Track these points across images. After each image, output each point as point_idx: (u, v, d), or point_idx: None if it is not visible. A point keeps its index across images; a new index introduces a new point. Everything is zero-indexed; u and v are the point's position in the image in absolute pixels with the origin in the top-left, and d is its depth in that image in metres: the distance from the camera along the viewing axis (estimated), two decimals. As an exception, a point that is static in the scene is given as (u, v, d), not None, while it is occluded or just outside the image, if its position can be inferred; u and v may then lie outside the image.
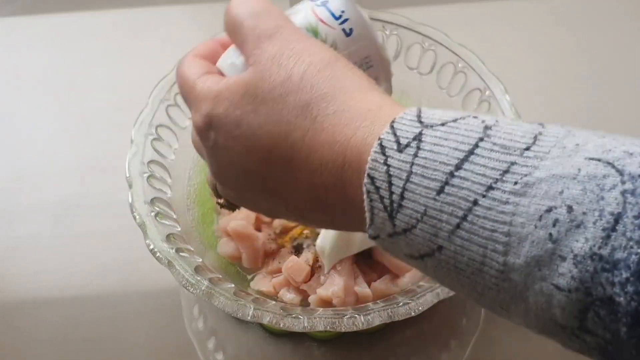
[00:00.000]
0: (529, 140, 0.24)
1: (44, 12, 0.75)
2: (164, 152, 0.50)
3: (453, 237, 0.24)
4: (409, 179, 0.25)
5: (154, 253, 0.43)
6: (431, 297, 0.41)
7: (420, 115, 0.26)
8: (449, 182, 0.24)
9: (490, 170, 0.23)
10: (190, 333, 0.52)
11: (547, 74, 0.69)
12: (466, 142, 0.24)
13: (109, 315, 0.53)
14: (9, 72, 0.70)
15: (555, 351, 0.52)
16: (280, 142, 0.29)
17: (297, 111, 0.29)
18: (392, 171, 0.26)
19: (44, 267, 0.56)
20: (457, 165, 0.24)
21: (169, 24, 0.74)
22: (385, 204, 0.26)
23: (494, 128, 0.24)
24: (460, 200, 0.24)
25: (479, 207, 0.23)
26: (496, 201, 0.23)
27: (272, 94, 0.29)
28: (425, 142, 0.25)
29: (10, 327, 0.53)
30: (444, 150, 0.25)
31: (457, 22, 0.71)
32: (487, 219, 0.23)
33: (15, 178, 0.62)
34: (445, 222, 0.24)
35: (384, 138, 0.26)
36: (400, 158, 0.25)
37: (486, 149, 0.24)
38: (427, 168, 0.25)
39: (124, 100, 0.64)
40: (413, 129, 0.26)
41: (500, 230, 0.23)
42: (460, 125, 0.25)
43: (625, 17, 0.74)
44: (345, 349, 0.50)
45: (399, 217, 0.26)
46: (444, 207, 0.24)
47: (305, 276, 0.48)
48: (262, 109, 0.29)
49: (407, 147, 0.25)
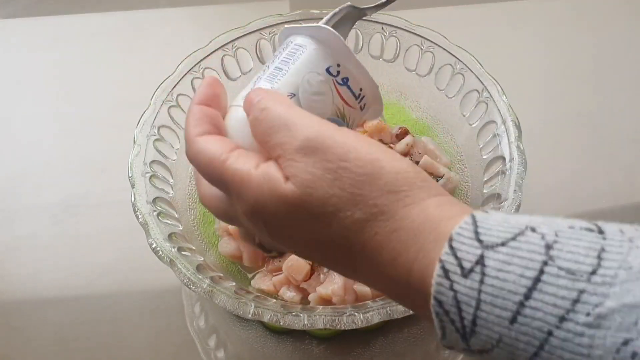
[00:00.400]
0: (594, 261, 0.24)
1: (44, 14, 0.76)
2: (166, 153, 0.50)
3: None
4: (479, 306, 0.25)
5: (156, 252, 0.44)
6: (430, 295, 0.42)
7: (477, 230, 0.26)
8: (520, 312, 0.24)
9: (560, 299, 0.24)
10: (191, 331, 0.52)
11: (545, 76, 0.70)
12: (531, 267, 0.24)
13: (110, 314, 0.53)
14: (10, 73, 0.70)
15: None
16: (337, 246, 0.29)
17: (353, 227, 0.29)
18: (460, 297, 0.26)
19: (44, 267, 0.56)
20: (525, 294, 0.24)
21: (171, 26, 0.74)
22: (457, 327, 0.26)
23: (556, 247, 0.25)
24: (534, 330, 0.24)
25: (554, 338, 0.23)
26: (571, 333, 0.23)
27: (322, 211, 0.29)
28: (489, 267, 0.25)
29: (10, 327, 0.53)
30: (510, 277, 0.25)
31: (455, 24, 0.71)
32: (564, 349, 0.23)
33: (15, 178, 0.62)
34: (522, 350, 0.24)
35: (445, 260, 0.26)
36: (466, 284, 0.25)
37: (552, 274, 0.24)
38: (496, 297, 0.25)
39: (126, 101, 0.64)
40: (474, 250, 0.26)
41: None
42: (521, 245, 0.25)
43: (623, 18, 0.74)
44: (345, 347, 0.50)
45: (473, 340, 0.26)
46: (520, 337, 0.24)
47: (305, 275, 0.48)
48: (312, 221, 0.29)
49: (472, 273, 0.25)
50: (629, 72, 0.69)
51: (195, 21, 0.75)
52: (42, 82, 0.70)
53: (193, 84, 0.53)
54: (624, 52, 0.71)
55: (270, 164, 0.30)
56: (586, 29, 0.73)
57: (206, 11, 0.76)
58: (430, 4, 0.77)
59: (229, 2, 0.77)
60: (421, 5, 0.76)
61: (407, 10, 0.73)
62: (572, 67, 0.70)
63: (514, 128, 0.49)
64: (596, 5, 0.75)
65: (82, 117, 0.66)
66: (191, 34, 0.72)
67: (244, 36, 0.55)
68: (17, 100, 0.68)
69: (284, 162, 0.30)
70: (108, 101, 0.67)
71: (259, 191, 0.30)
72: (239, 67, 0.55)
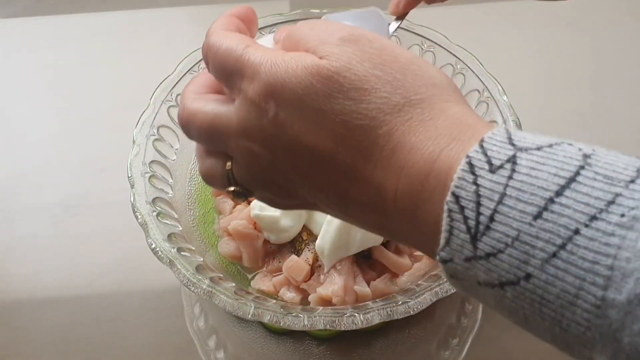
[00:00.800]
0: (633, 174, 0.23)
1: (45, 14, 0.76)
2: (166, 153, 0.50)
3: (547, 265, 0.23)
4: (501, 200, 0.24)
5: (155, 252, 0.44)
6: (430, 296, 0.42)
7: (511, 137, 0.25)
8: (548, 207, 0.23)
9: (594, 199, 0.22)
10: (191, 332, 0.52)
11: (545, 75, 0.70)
12: (566, 169, 0.23)
13: (110, 314, 0.53)
14: (9, 73, 0.70)
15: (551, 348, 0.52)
16: (360, 132, 0.27)
17: (387, 108, 0.27)
18: (482, 191, 0.24)
19: (44, 267, 0.56)
20: (557, 191, 0.23)
21: (170, 26, 0.74)
22: (470, 225, 0.24)
23: (593, 157, 0.24)
24: (559, 227, 0.23)
25: (580, 237, 0.22)
26: (600, 232, 0.22)
27: (358, 85, 0.27)
28: (520, 165, 0.24)
29: (10, 327, 0.53)
30: (542, 175, 0.24)
31: (455, 24, 0.71)
32: (588, 249, 0.22)
33: (15, 178, 0.62)
34: (539, 249, 0.23)
35: (472, 157, 0.25)
36: (492, 179, 0.24)
37: (588, 177, 0.23)
38: (523, 192, 0.24)
39: (126, 101, 0.64)
40: (506, 150, 0.25)
41: (602, 263, 0.22)
42: (557, 151, 0.24)
43: (623, 18, 0.74)
44: (345, 347, 0.50)
45: (485, 240, 0.24)
46: (540, 234, 0.23)
47: (305, 275, 0.48)
48: (341, 98, 0.27)
49: (501, 169, 0.24)
50: (629, 72, 0.69)
51: (194, 21, 0.75)
52: (41, 82, 0.70)
53: (193, 83, 0.53)
54: (624, 52, 0.71)
55: (299, 52, 0.29)
56: (587, 28, 0.73)
57: (206, 11, 0.76)
58: (430, 3, 0.76)
59: (229, 1, 0.77)
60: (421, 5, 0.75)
61: (407, 9, 0.72)
62: (573, 67, 0.70)
63: (515, 128, 0.49)
64: (596, 4, 0.75)
65: (81, 117, 0.66)
66: (191, 33, 0.72)
67: (244, 36, 0.55)
68: (17, 100, 0.68)
69: (318, 48, 0.29)
70: (108, 101, 0.67)
71: (283, 68, 0.28)
72: (238, 67, 0.55)
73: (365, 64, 0.28)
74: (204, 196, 0.53)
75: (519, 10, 0.75)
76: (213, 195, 0.54)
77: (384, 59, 0.28)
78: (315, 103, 0.28)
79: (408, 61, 0.29)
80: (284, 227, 0.49)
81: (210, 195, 0.54)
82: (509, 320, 0.26)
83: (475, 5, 0.76)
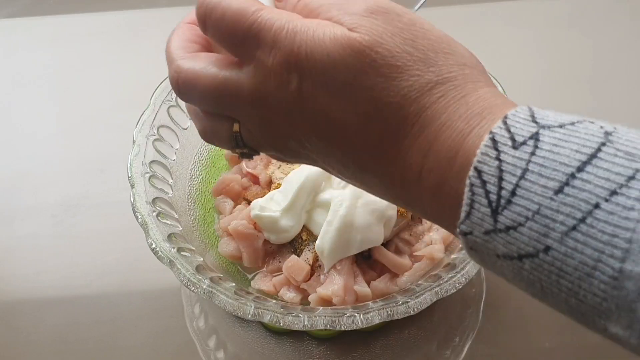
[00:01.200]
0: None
1: (44, 14, 0.75)
2: (166, 153, 0.50)
3: (566, 238, 0.23)
4: (523, 175, 0.24)
5: (155, 252, 0.44)
6: (430, 296, 0.42)
7: (533, 115, 0.26)
8: (569, 182, 0.23)
9: (614, 175, 0.23)
10: (191, 332, 0.52)
11: (545, 75, 0.69)
12: (587, 146, 0.24)
13: (110, 315, 0.53)
14: (9, 73, 0.70)
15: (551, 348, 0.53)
16: (389, 109, 0.27)
17: (419, 86, 0.27)
18: (505, 167, 0.25)
19: (44, 267, 0.56)
20: (578, 167, 0.23)
21: (170, 26, 0.74)
22: (491, 199, 0.25)
23: (615, 134, 0.24)
24: (580, 202, 0.23)
25: (600, 211, 0.23)
26: (620, 206, 0.22)
27: (390, 62, 0.27)
28: (543, 142, 0.25)
29: (10, 327, 0.53)
30: (564, 152, 0.24)
31: (455, 24, 0.71)
32: (608, 223, 0.22)
33: (16, 178, 0.62)
34: (559, 223, 0.23)
35: (496, 133, 0.25)
36: (515, 155, 0.25)
37: (609, 153, 0.23)
38: (545, 167, 0.24)
39: (126, 101, 0.64)
40: (529, 127, 0.25)
41: (621, 236, 0.22)
42: (579, 128, 0.25)
43: (622, 18, 0.74)
44: (345, 347, 0.50)
45: (505, 213, 0.25)
46: (561, 208, 0.23)
47: (305, 275, 0.48)
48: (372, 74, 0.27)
49: (523, 145, 0.25)
50: (628, 72, 0.69)
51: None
52: (41, 81, 0.70)
53: (193, 83, 0.53)
54: (623, 53, 0.71)
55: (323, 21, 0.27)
56: (586, 29, 0.73)
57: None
58: (430, 3, 0.76)
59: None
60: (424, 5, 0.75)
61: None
62: (572, 67, 0.70)
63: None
64: (596, 5, 0.75)
65: (81, 117, 0.66)
66: (191, 33, 0.72)
67: (244, 36, 0.55)
68: (16, 100, 0.68)
69: (344, 18, 0.27)
70: (107, 101, 0.67)
71: (308, 36, 0.27)
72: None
73: (396, 38, 0.27)
74: (204, 196, 0.53)
75: (518, 10, 0.75)
76: (213, 195, 0.54)
77: (415, 34, 0.28)
78: (344, 77, 0.27)
79: (438, 38, 0.28)
80: (284, 227, 0.49)
81: (210, 195, 0.54)
82: (525, 293, 0.26)
83: (475, 4, 0.76)
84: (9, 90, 0.69)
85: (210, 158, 0.55)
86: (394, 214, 0.49)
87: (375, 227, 0.47)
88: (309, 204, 0.49)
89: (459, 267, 0.43)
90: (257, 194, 0.52)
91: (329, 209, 0.48)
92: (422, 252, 0.49)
